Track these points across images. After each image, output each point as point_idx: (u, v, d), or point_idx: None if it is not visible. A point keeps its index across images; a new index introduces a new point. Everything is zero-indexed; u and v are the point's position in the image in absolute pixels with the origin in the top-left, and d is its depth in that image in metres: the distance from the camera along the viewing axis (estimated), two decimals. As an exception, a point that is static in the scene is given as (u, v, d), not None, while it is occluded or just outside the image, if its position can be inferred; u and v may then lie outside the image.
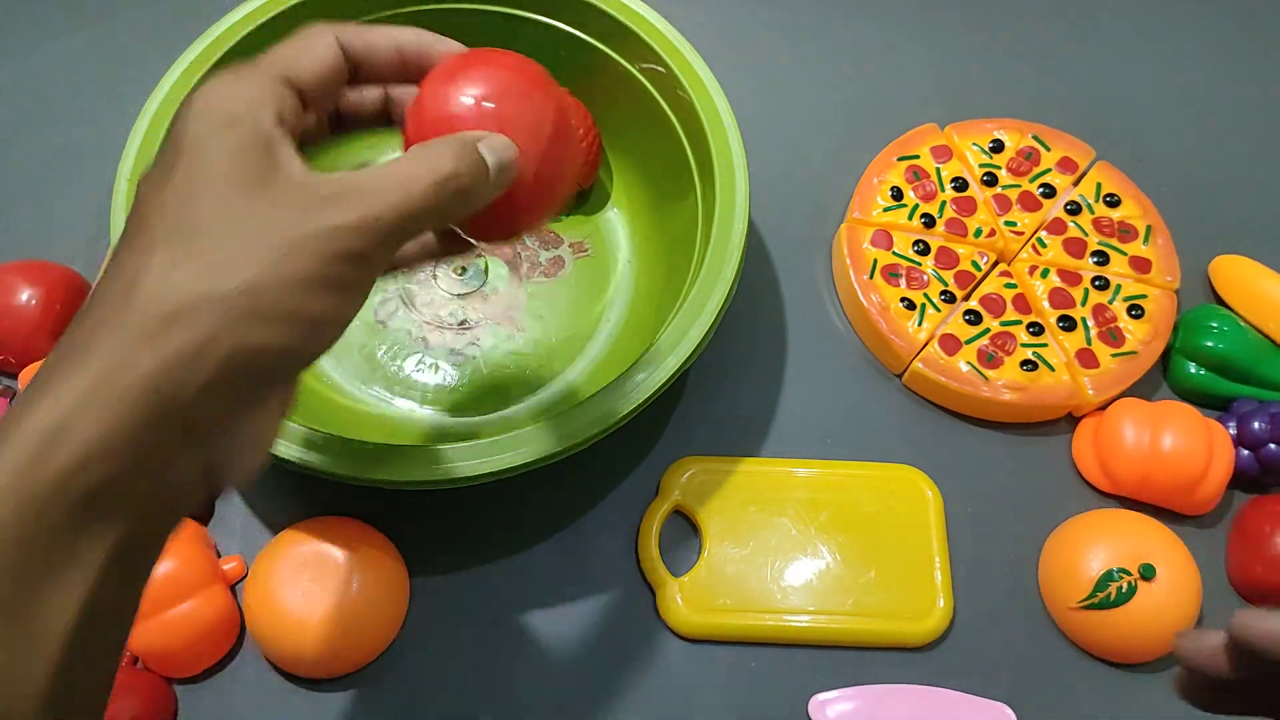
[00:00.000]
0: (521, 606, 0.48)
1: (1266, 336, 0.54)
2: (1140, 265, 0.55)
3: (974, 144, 0.58)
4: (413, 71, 0.33)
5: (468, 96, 0.31)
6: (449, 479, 0.40)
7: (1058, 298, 0.54)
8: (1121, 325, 0.53)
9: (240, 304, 0.25)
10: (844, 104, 0.63)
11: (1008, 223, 0.56)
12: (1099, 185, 0.57)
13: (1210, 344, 0.52)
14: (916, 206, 0.56)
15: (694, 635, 0.47)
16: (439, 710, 0.45)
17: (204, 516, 0.49)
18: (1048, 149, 0.58)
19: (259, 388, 0.27)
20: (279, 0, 0.50)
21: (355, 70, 0.32)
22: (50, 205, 0.59)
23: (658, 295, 0.51)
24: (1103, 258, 0.55)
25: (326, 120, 0.33)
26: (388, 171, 0.28)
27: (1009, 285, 0.54)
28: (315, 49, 0.31)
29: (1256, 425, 0.49)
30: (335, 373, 0.51)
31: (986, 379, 0.51)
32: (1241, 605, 0.48)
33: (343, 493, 0.44)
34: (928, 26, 0.67)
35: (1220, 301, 0.56)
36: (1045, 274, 0.54)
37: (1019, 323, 0.53)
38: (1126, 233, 0.56)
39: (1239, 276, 0.55)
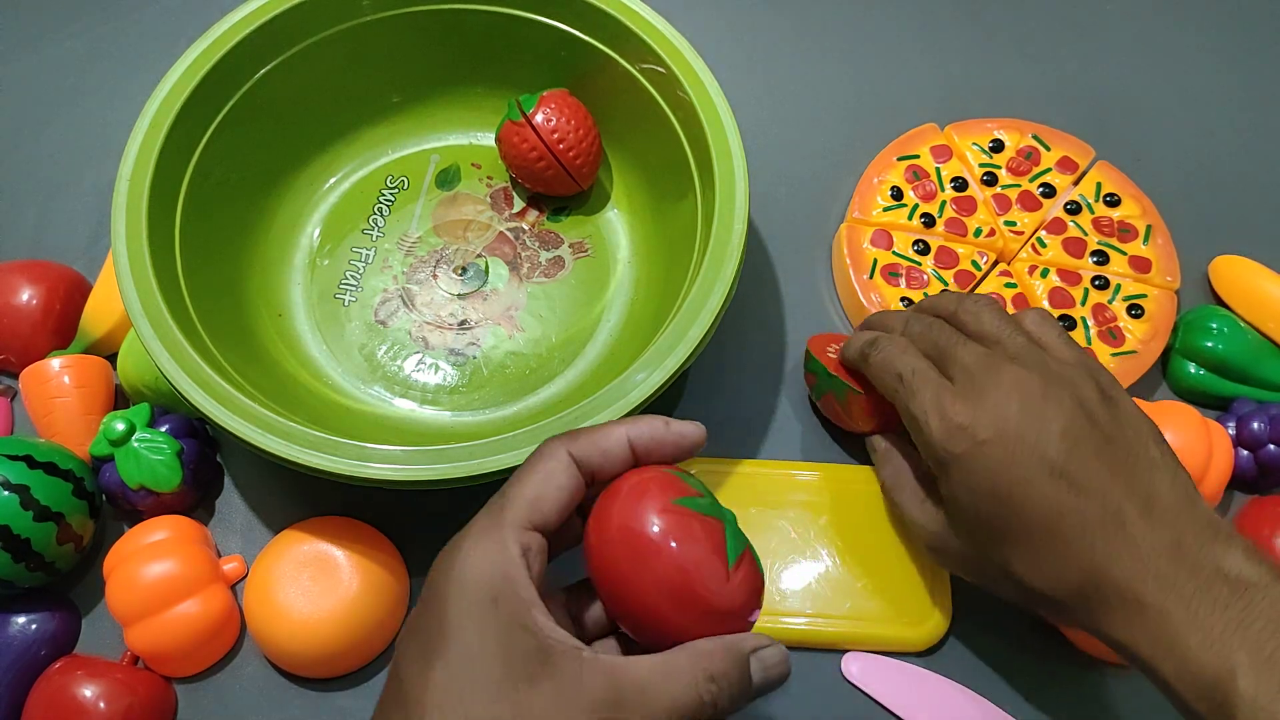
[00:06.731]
0: (521, 606, 0.48)
1: (1266, 337, 0.54)
2: (1140, 265, 0.55)
3: (974, 144, 0.58)
4: (642, 461, 0.33)
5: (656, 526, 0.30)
6: (449, 479, 0.40)
7: (1057, 297, 0.54)
8: (1121, 325, 0.53)
9: None
10: (844, 104, 0.63)
11: (1007, 222, 0.56)
12: (1099, 185, 0.57)
13: (1210, 344, 0.52)
14: (916, 206, 0.56)
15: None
16: (439, 710, 0.45)
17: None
18: (1047, 149, 0.58)
19: None
20: (279, 1, 0.50)
21: (591, 481, 0.33)
22: (51, 205, 0.59)
23: (657, 296, 0.51)
24: (1102, 257, 0.55)
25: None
26: (656, 671, 0.29)
27: (1009, 285, 0.54)
28: (555, 478, 0.32)
29: (1256, 426, 0.49)
30: (335, 373, 0.51)
31: (986, 379, 0.51)
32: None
33: (343, 493, 0.44)
34: (928, 26, 0.67)
35: (1220, 302, 0.56)
36: (1045, 274, 0.54)
37: (1019, 323, 0.53)
38: (1126, 232, 0.56)
39: (1239, 277, 0.55)
